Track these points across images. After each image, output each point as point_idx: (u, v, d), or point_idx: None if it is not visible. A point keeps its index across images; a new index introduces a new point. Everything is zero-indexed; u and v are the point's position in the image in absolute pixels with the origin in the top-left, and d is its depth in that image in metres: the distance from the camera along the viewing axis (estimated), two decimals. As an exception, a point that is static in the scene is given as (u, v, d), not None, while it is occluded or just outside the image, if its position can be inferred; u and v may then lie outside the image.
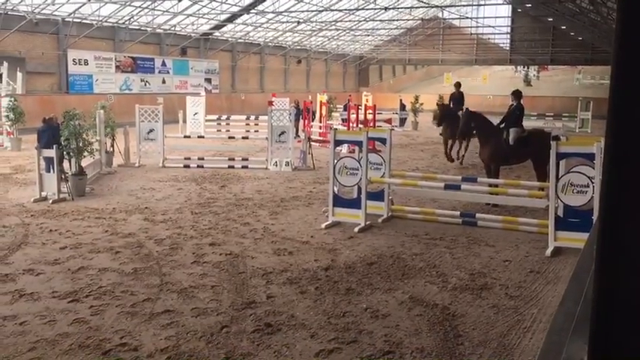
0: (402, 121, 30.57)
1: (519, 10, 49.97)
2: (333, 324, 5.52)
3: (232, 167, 15.78)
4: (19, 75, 26.50)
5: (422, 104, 30.08)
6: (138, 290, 6.36)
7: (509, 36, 51.40)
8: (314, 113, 23.27)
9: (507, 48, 53.07)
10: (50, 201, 11.06)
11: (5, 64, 25.59)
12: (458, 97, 17.95)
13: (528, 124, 14.48)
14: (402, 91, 51.51)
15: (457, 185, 10.01)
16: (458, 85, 18.59)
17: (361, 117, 20.88)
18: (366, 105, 24.10)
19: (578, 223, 7.79)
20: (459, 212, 9.87)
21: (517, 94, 11.75)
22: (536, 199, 9.21)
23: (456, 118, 15.00)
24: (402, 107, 31.05)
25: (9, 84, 25.64)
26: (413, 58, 56.81)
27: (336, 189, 9.75)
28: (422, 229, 9.26)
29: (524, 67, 60.99)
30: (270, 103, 19.34)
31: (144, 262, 7.38)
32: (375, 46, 54.73)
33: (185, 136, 19.58)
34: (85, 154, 12.19)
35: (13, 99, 19.90)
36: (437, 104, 19.12)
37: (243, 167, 15.82)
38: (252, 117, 25.53)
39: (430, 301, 6.17)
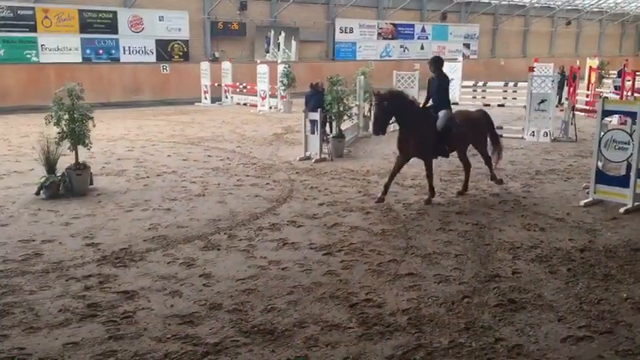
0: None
1: None
2: (585, 310, 5.11)
3: (486, 135, 15.31)
4: (294, 43, 29.16)
5: None
6: (384, 250, 6.65)
7: None
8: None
9: None
10: (313, 160, 12.09)
11: (283, 33, 28.34)
12: (437, 82, 9.04)
13: None
14: (695, 53, 44.13)
15: None
16: (437, 61, 9.20)
17: (638, 85, 18.45)
18: (645, 71, 21.19)
19: None
20: None
21: None
22: None
23: (426, 119, 8.83)
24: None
25: (285, 52, 28.38)
26: None
27: (600, 164, 8.88)
28: None
29: None
30: (531, 68, 18.09)
31: (392, 224, 7.67)
32: (665, 1, 47.53)
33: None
34: (345, 117, 13.00)
35: (287, 66, 22.06)
36: (373, 93, 10.26)
37: (497, 136, 15.25)
38: (511, 84, 24.35)
39: None
